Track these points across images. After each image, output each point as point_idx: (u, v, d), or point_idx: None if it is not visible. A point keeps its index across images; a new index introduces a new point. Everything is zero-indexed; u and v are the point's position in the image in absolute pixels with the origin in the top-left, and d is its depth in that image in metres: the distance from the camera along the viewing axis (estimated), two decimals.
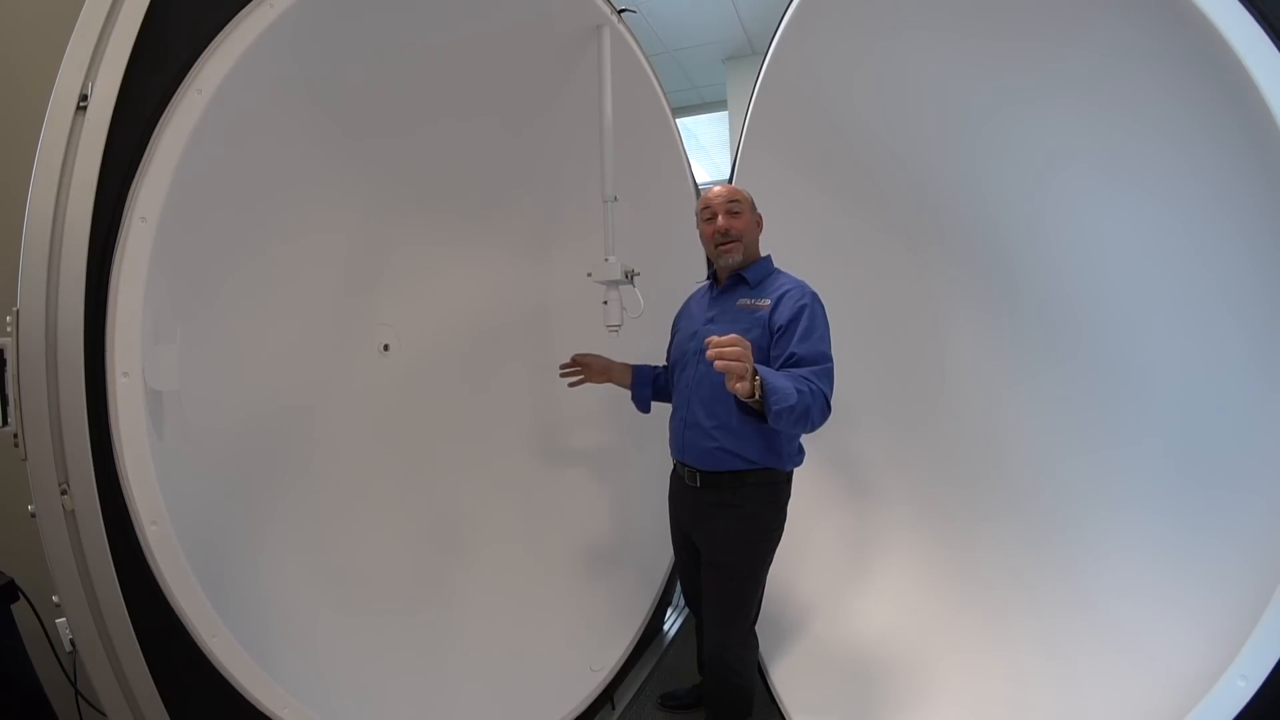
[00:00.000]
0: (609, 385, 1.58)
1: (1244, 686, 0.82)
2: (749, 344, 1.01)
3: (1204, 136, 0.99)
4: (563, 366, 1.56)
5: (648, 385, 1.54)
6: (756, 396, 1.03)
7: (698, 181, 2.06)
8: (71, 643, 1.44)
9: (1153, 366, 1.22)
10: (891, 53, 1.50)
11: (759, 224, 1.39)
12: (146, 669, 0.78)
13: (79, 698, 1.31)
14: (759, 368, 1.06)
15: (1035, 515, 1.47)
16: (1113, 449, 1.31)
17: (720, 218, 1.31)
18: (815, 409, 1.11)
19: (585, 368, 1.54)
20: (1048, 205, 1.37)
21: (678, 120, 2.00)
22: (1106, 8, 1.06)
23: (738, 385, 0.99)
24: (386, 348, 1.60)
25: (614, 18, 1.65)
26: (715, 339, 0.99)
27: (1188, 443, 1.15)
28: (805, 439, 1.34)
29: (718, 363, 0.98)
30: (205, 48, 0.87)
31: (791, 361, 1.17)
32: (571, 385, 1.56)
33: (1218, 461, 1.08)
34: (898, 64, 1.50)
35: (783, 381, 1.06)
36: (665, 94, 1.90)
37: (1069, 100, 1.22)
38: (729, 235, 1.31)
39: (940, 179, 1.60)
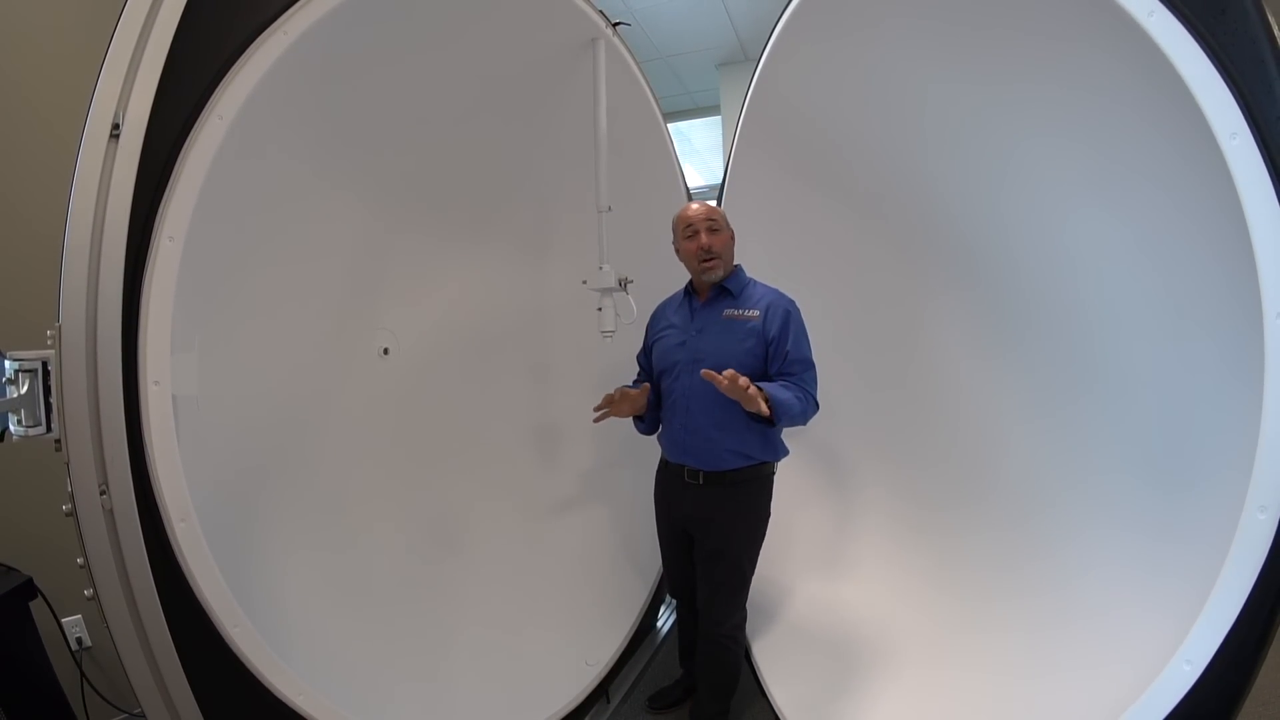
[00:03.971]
0: (605, 388, 1.64)
1: (1189, 670, 0.88)
2: (744, 379, 1.18)
3: (1179, 149, 1.03)
4: (596, 409, 1.46)
5: (655, 407, 1.52)
6: (768, 413, 1.23)
7: (690, 188, 2.12)
8: (78, 641, 1.49)
9: (1127, 354, 1.28)
10: (882, 60, 1.54)
11: (732, 238, 1.46)
12: (177, 657, 0.83)
13: (85, 685, 1.37)
14: (764, 387, 1.24)
15: (1012, 499, 1.55)
16: (1090, 442, 1.37)
17: (703, 235, 1.39)
18: (810, 411, 1.33)
19: (613, 404, 1.44)
20: (1032, 209, 1.42)
21: (672, 125, 2.06)
22: (1090, 25, 1.10)
23: (754, 409, 1.20)
24: (386, 351, 1.66)
25: (609, 31, 1.71)
26: (726, 381, 1.16)
27: (1161, 438, 1.20)
28: (794, 440, 1.49)
29: (739, 394, 1.17)
30: (225, 75, 0.92)
31: (785, 369, 1.34)
32: (598, 421, 1.47)
33: (1188, 457, 1.13)
34: (888, 71, 1.55)
35: (785, 394, 1.26)
36: (659, 104, 1.95)
37: (1058, 108, 1.27)
38: (711, 252, 1.38)
39: (929, 182, 1.65)
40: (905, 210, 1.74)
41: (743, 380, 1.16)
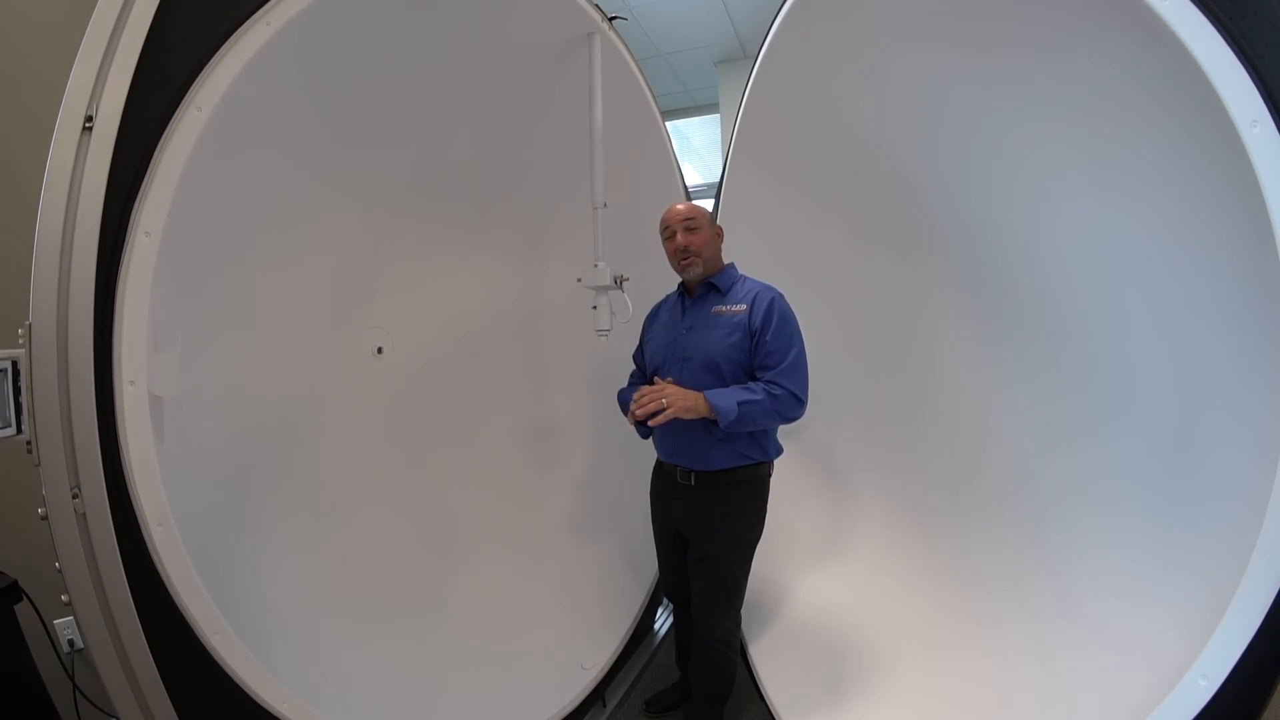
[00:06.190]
0: (600, 387, 1.62)
1: (1205, 685, 0.85)
2: (668, 391, 1.25)
3: (1189, 148, 1.01)
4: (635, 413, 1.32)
5: None
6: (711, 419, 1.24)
7: (689, 187, 2.09)
8: (70, 643, 1.47)
9: (1138, 370, 1.25)
10: (881, 58, 1.52)
11: (719, 235, 1.45)
12: (154, 665, 0.81)
13: (76, 692, 1.35)
14: (707, 395, 1.25)
15: (1020, 517, 1.51)
16: (1098, 451, 1.34)
17: (679, 235, 1.38)
18: (783, 406, 1.27)
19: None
20: (1035, 211, 1.39)
21: (670, 123, 2.03)
22: (1096, 20, 1.08)
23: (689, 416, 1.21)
24: (380, 351, 1.63)
25: (605, 25, 1.68)
26: (644, 402, 1.24)
27: (1172, 445, 1.17)
28: (793, 441, 1.44)
29: (667, 414, 1.22)
30: (204, 66, 0.90)
31: (764, 361, 1.32)
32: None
33: (1201, 464, 1.10)
34: (887, 69, 1.53)
35: (726, 401, 1.24)
36: (656, 100, 1.92)
37: (1059, 109, 1.24)
38: (688, 251, 1.38)
39: (928, 182, 1.62)
40: (905, 207, 1.71)
41: (663, 399, 1.21)
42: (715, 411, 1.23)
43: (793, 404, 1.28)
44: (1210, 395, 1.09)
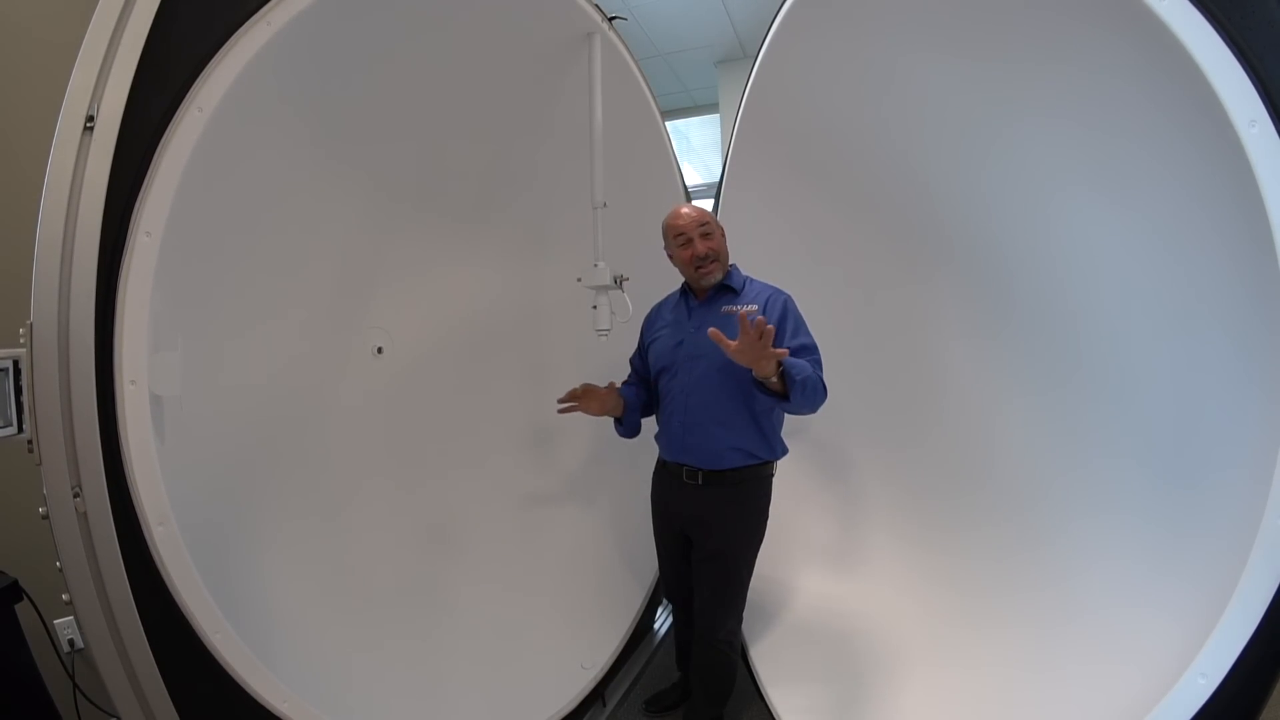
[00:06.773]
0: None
1: (1204, 684, 0.86)
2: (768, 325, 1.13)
3: (1192, 153, 1.01)
4: (560, 401, 1.46)
5: (636, 410, 1.52)
6: (776, 377, 1.18)
7: (688, 186, 2.09)
8: (70, 643, 1.47)
9: (1137, 375, 1.25)
10: (880, 58, 1.52)
11: (723, 234, 1.45)
12: (154, 664, 0.81)
13: (76, 692, 1.35)
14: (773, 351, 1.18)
15: (1022, 522, 1.51)
16: (1099, 457, 1.35)
17: (698, 242, 1.37)
18: (820, 392, 1.29)
19: (580, 400, 1.44)
20: (1035, 202, 1.40)
21: (670, 123, 2.03)
22: (1094, 21, 1.08)
23: (763, 362, 1.14)
24: (380, 350, 1.64)
25: (605, 25, 1.68)
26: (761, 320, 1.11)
27: (1171, 449, 1.18)
28: (796, 444, 1.44)
29: (750, 335, 1.09)
30: (205, 66, 0.90)
31: (793, 355, 1.29)
32: (561, 413, 1.46)
33: (1200, 467, 1.10)
34: (886, 64, 1.53)
35: (799, 361, 1.25)
36: (656, 100, 1.92)
37: (1059, 111, 1.25)
38: (708, 258, 1.37)
39: (929, 176, 1.63)
40: (905, 205, 1.72)
41: (769, 326, 1.09)
42: (789, 367, 1.18)
43: (823, 392, 1.29)
44: (1209, 400, 1.10)
